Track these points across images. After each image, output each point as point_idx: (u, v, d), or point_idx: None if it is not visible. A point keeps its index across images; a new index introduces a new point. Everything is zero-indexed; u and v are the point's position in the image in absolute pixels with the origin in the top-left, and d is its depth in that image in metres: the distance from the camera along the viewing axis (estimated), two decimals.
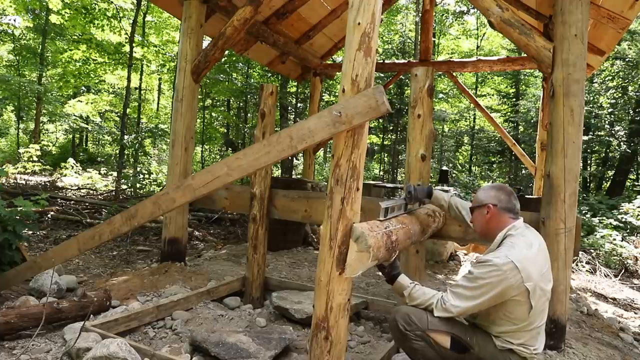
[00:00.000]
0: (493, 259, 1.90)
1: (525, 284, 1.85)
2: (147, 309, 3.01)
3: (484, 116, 8.33)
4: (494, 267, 1.87)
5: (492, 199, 2.14)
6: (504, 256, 1.89)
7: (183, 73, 4.45)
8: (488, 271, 1.88)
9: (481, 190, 2.24)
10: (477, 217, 2.21)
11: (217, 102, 15.89)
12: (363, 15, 1.84)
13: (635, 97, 12.98)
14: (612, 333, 3.68)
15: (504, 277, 1.85)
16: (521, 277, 1.85)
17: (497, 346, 1.99)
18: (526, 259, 1.90)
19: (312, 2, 6.08)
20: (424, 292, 2.09)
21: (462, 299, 1.95)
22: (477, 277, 1.92)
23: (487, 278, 1.88)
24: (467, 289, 1.94)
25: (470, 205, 2.28)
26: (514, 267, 1.85)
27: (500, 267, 1.86)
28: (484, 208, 2.15)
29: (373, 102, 1.84)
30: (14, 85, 14.20)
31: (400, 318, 2.05)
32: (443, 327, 2.01)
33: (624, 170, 13.22)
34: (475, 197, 2.24)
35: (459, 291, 1.97)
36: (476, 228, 2.25)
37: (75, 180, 11.96)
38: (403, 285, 2.13)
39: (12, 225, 3.60)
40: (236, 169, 2.40)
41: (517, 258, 1.88)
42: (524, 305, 1.89)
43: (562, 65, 2.94)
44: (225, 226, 7.51)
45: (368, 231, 1.83)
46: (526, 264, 1.88)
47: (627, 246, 6.75)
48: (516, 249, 1.94)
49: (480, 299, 1.90)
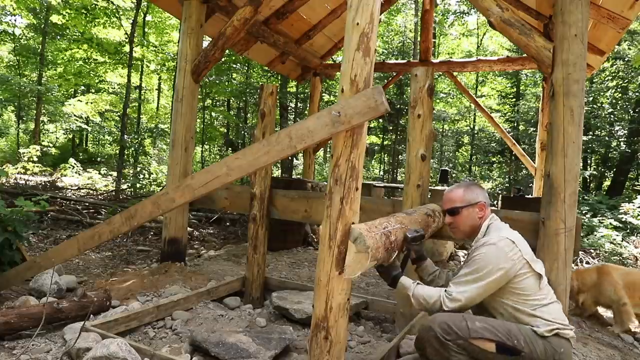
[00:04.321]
0: (487, 240, 1.95)
1: (524, 256, 1.91)
2: (147, 309, 3.01)
3: (484, 116, 8.32)
4: (492, 246, 1.91)
5: (482, 197, 2.16)
6: (497, 236, 1.95)
7: (183, 73, 4.45)
8: (486, 252, 1.91)
9: (463, 189, 2.19)
10: (465, 217, 2.16)
11: (217, 102, 15.90)
12: (362, 15, 1.84)
13: (635, 97, 12.98)
14: (612, 333, 3.69)
15: (504, 252, 1.89)
16: (519, 250, 1.91)
17: (541, 335, 1.90)
18: (517, 237, 1.98)
19: (312, 2, 6.08)
20: (429, 289, 2.04)
21: (468, 284, 1.92)
22: (476, 259, 1.92)
23: (488, 257, 1.89)
24: (470, 274, 1.93)
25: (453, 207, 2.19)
26: (510, 242, 1.92)
27: (497, 244, 1.91)
28: (476, 207, 2.14)
29: (372, 102, 1.83)
30: (14, 86, 14.20)
31: (438, 327, 1.89)
32: (487, 334, 1.88)
33: (624, 170, 13.22)
34: (460, 197, 2.18)
35: (462, 279, 1.95)
36: (463, 228, 2.19)
37: (75, 180, 11.95)
38: (406, 285, 2.07)
39: (12, 225, 3.61)
40: (235, 169, 2.40)
41: (511, 236, 1.96)
42: (530, 276, 1.92)
43: (562, 65, 2.94)
44: (225, 226, 7.50)
45: (366, 232, 1.82)
46: (519, 241, 1.96)
47: (627, 246, 6.75)
48: (504, 230, 2.03)
49: (486, 280, 1.88)
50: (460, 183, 2.23)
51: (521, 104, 15.18)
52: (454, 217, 2.19)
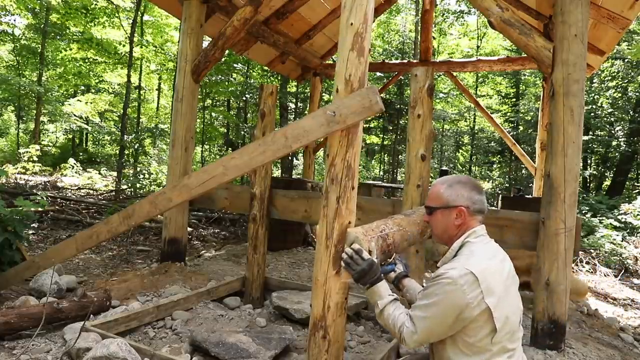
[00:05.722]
0: (448, 271, 1.55)
1: (486, 300, 1.50)
2: (147, 309, 3.01)
3: (484, 116, 8.32)
4: (449, 280, 1.52)
5: (465, 200, 1.71)
6: (461, 267, 1.54)
7: (183, 73, 4.45)
8: (442, 285, 1.54)
9: (445, 186, 1.76)
10: (439, 220, 1.76)
11: (217, 102, 15.90)
12: (355, 15, 1.84)
13: (635, 97, 12.98)
14: (612, 333, 3.68)
15: (461, 292, 1.50)
16: (481, 291, 1.50)
17: None
18: (488, 270, 1.55)
19: (312, 2, 6.08)
20: (397, 315, 1.69)
21: (417, 322, 1.60)
22: (429, 293, 1.58)
23: (441, 294, 1.53)
24: (421, 308, 1.60)
25: (427, 204, 1.83)
26: (473, 279, 1.50)
27: (455, 280, 1.51)
28: (454, 211, 1.71)
29: (367, 101, 1.84)
30: (14, 86, 14.21)
31: None
32: None
33: (624, 170, 13.23)
34: (437, 194, 1.77)
35: (414, 313, 1.63)
36: (436, 232, 1.82)
37: (75, 180, 11.96)
38: (380, 294, 1.76)
39: (12, 225, 3.61)
40: (232, 168, 2.41)
41: (477, 269, 1.52)
42: (486, 327, 1.53)
43: (562, 65, 2.94)
44: (225, 226, 7.50)
45: (362, 235, 1.82)
46: (487, 276, 1.53)
47: (627, 246, 6.75)
48: (476, 257, 1.60)
49: (435, 321, 1.56)
50: (447, 177, 1.81)
51: (521, 104, 15.19)
52: (429, 216, 1.83)
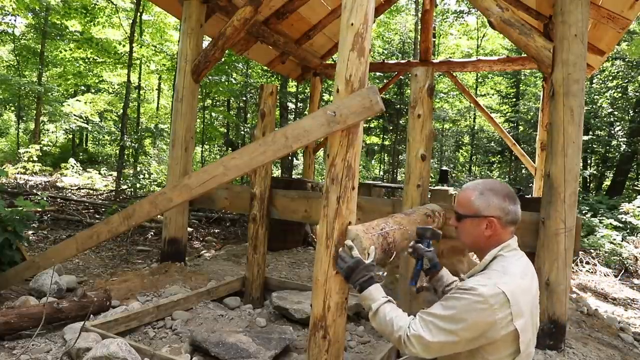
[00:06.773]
0: (479, 287, 1.43)
1: (514, 322, 1.42)
2: (147, 309, 3.01)
3: (484, 116, 8.32)
4: (479, 299, 1.41)
5: (497, 210, 1.58)
6: (493, 284, 1.43)
7: (183, 73, 4.45)
8: (470, 302, 1.42)
9: (477, 193, 1.62)
10: (468, 229, 1.64)
11: (217, 102, 15.90)
12: (356, 15, 1.85)
13: (635, 97, 12.98)
14: (612, 333, 3.68)
15: (490, 312, 1.40)
16: (510, 312, 1.41)
17: None
18: (520, 290, 1.46)
19: (312, 2, 6.08)
20: (395, 316, 1.59)
21: (434, 331, 1.47)
22: (455, 306, 1.46)
23: (469, 310, 1.42)
24: (442, 318, 1.47)
25: (457, 211, 1.69)
26: (504, 300, 1.40)
27: (486, 299, 1.40)
28: (484, 221, 1.58)
29: (367, 101, 1.84)
30: (14, 86, 14.21)
31: None
32: None
33: (624, 170, 13.23)
34: (467, 201, 1.63)
35: (431, 319, 1.49)
36: (464, 239, 1.68)
37: (75, 180, 11.95)
38: (374, 297, 1.67)
39: (12, 225, 3.61)
40: (232, 168, 2.41)
41: (509, 288, 1.43)
42: (510, 348, 1.46)
43: (562, 65, 2.94)
44: (225, 226, 7.51)
45: (363, 233, 1.82)
46: (518, 296, 1.44)
47: (627, 246, 6.75)
48: (509, 275, 1.48)
49: (456, 337, 1.44)
50: (478, 182, 1.67)
51: (521, 104, 15.19)
52: (458, 223, 1.69)
